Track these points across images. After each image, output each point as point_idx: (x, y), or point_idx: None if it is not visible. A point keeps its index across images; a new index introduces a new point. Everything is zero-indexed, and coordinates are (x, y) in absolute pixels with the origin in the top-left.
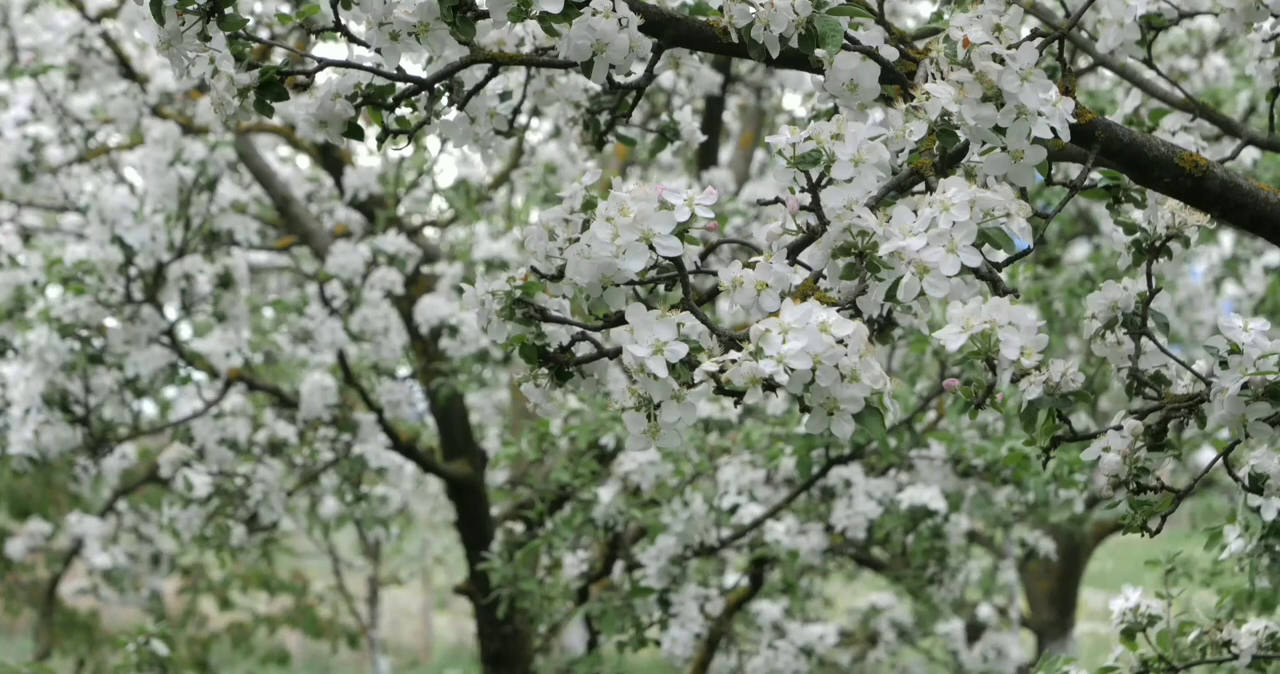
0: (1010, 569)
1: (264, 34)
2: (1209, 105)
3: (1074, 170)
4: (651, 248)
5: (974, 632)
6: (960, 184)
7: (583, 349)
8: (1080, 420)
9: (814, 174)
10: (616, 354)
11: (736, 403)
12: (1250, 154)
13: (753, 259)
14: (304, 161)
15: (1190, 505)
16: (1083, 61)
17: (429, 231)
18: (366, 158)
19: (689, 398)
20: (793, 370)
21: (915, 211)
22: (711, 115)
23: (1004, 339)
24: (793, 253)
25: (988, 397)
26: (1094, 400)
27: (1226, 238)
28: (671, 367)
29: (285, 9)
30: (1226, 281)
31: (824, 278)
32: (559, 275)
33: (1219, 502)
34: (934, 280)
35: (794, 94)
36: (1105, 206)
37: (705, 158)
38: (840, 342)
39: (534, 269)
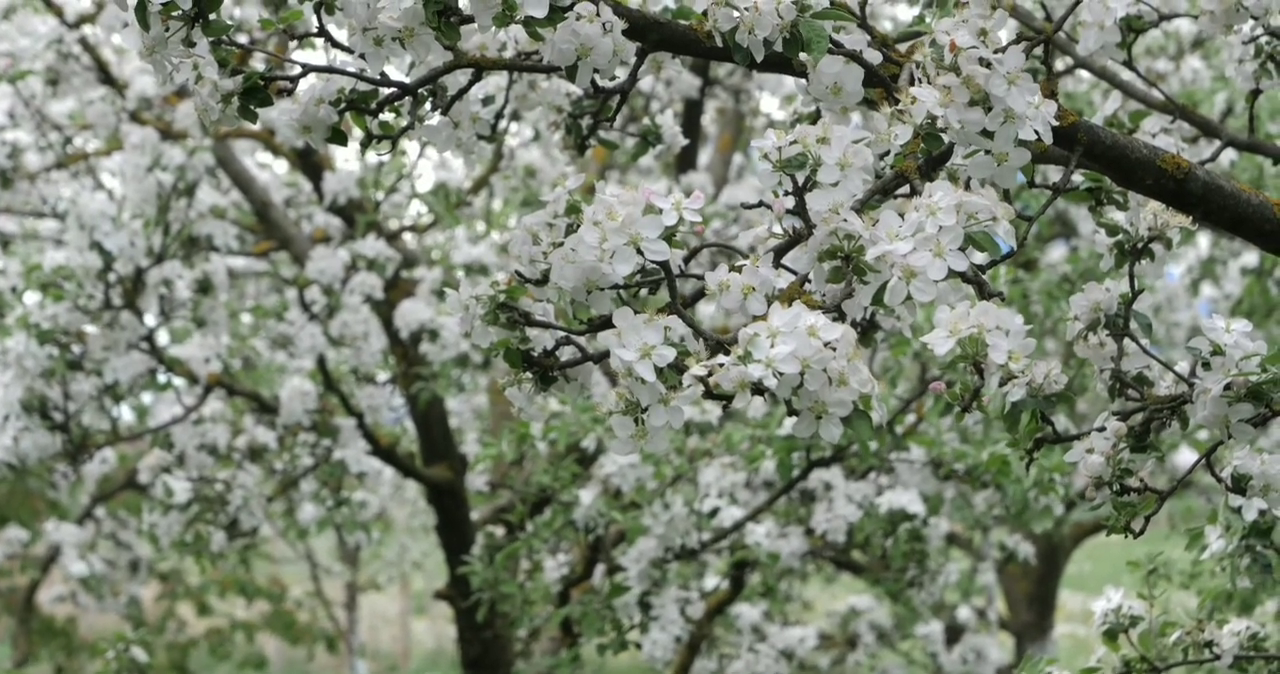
0: (989, 571)
1: (242, 39)
2: (1188, 107)
3: (1052, 172)
4: (639, 252)
5: (953, 634)
6: (946, 188)
7: (566, 353)
8: (1059, 423)
9: (799, 178)
10: (601, 358)
11: (725, 407)
12: (1227, 155)
13: (739, 263)
14: (281, 166)
15: (1168, 507)
16: (1060, 64)
17: (408, 236)
18: (344, 162)
19: (676, 401)
20: (781, 374)
21: (901, 215)
22: (690, 119)
23: (992, 343)
24: (777, 256)
25: (974, 400)
26: (1074, 402)
27: (1204, 239)
28: (659, 370)
29: (262, 15)
30: (1203, 283)
31: (809, 282)
32: (543, 280)
33: (1197, 503)
34: (921, 284)
35: (772, 97)
36: (1087, 209)
37: (684, 161)
38: (828, 345)
39: (518, 273)
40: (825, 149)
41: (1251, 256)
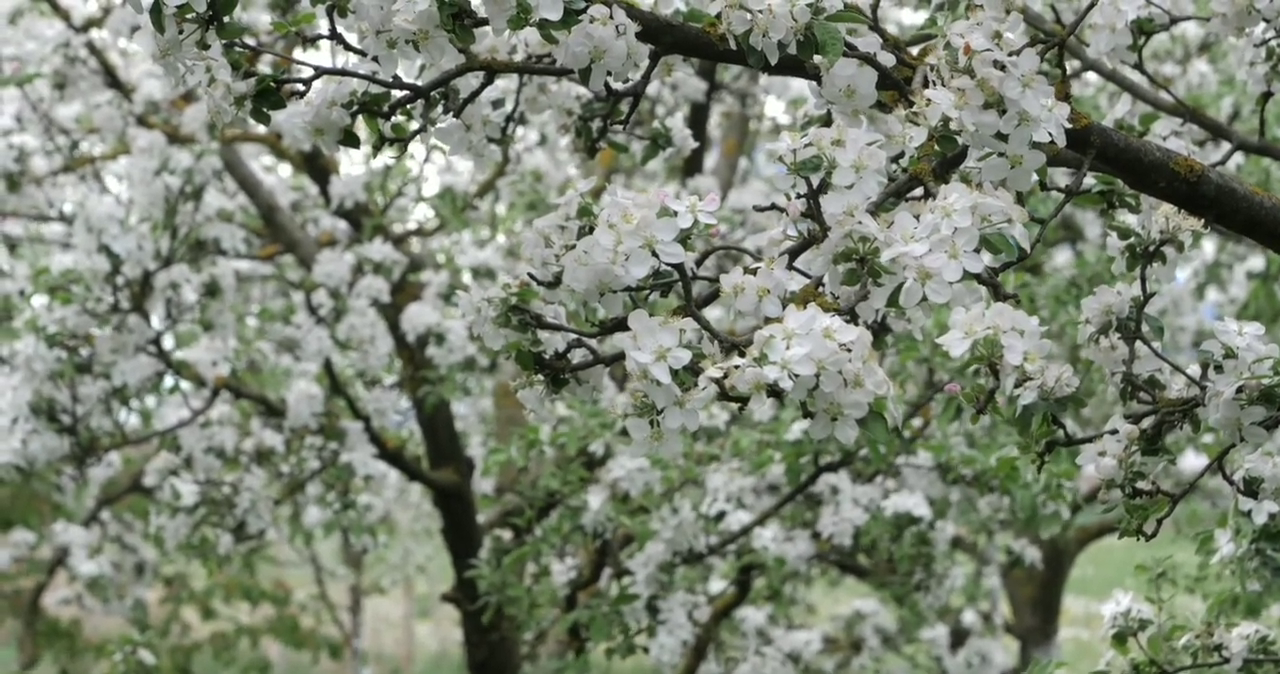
0: (994, 575)
1: (249, 41)
2: (1198, 110)
3: (1060, 175)
4: (655, 254)
5: (958, 638)
6: (961, 190)
7: (578, 356)
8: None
9: (814, 180)
10: (613, 361)
11: (740, 409)
12: (1234, 158)
13: (753, 265)
14: (286, 170)
15: (1174, 511)
16: (1068, 67)
17: (414, 240)
18: (349, 165)
19: (692, 403)
20: (797, 376)
21: (916, 217)
22: (697, 122)
23: (1007, 344)
24: (790, 259)
25: (989, 402)
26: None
27: (1209, 243)
28: (674, 373)
29: (269, 18)
30: (1209, 287)
31: (823, 285)
32: (555, 282)
33: (1202, 507)
34: (936, 286)
35: (778, 101)
36: (1099, 212)
37: (691, 165)
38: (844, 347)
39: (530, 275)
40: (840, 151)
41: (1258, 261)
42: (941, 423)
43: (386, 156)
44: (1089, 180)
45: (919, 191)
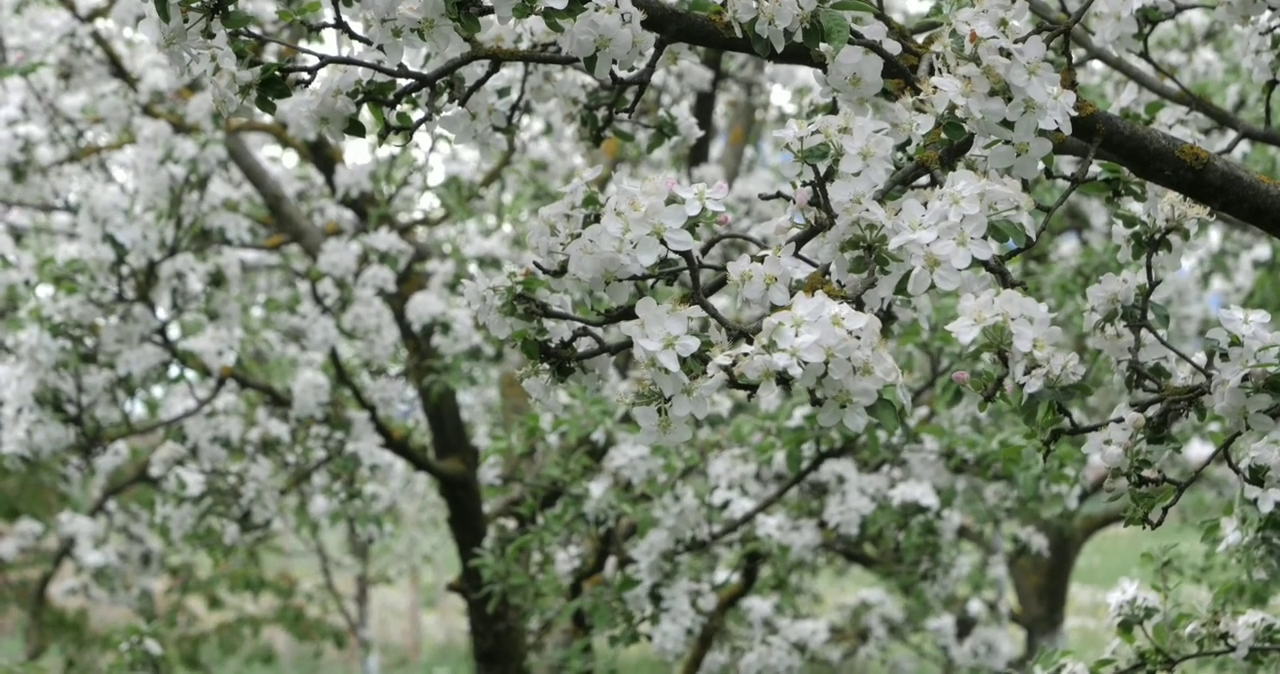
0: (999, 564)
1: (254, 30)
2: (1203, 98)
3: (1065, 164)
4: (663, 242)
5: (964, 627)
6: (969, 177)
7: (583, 344)
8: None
9: (821, 168)
10: (618, 349)
11: (750, 397)
12: (1240, 147)
13: (760, 253)
14: (291, 160)
15: (1179, 500)
16: (1073, 55)
17: (419, 229)
18: (354, 155)
19: (700, 391)
20: (806, 363)
21: (924, 205)
22: (702, 112)
23: (1016, 332)
24: (797, 246)
25: (998, 389)
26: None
27: (1214, 232)
28: (682, 360)
29: (274, 7)
30: (1214, 276)
31: (829, 273)
32: (561, 271)
33: (1208, 496)
34: (944, 273)
35: (783, 90)
36: (1104, 200)
37: (696, 154)
38: (852, 334)
39: (536, 264)
40: (847, 139)
41: (1263, 249)
42: (940, 405)
43: (392, 145)
44: (1094, 168)
45: (925, 179)
